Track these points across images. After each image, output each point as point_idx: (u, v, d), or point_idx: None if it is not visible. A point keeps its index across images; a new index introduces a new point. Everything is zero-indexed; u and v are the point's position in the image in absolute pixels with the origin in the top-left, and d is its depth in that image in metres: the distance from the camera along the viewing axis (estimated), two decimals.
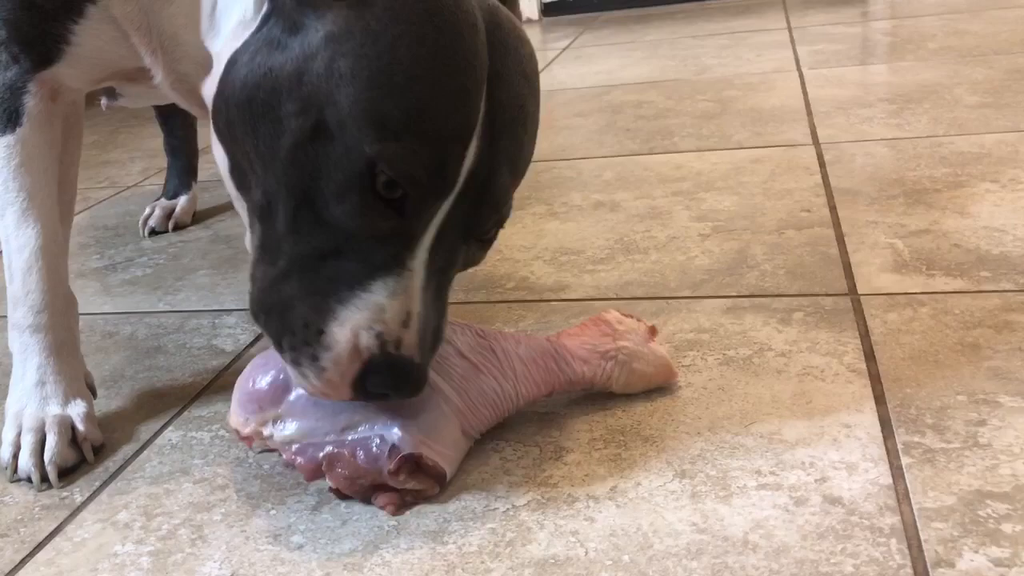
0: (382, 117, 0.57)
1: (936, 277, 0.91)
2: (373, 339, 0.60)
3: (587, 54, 2.35)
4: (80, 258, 1.31)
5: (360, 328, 0.60)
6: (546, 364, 0.73)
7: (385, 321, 0.60)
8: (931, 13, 2.30)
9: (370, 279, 0.60)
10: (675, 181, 1.30)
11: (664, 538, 0.60)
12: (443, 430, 0.67)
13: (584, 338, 0.75)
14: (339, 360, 0.60)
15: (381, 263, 0.60)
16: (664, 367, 0.76)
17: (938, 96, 1.55)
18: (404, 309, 0.60)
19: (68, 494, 0.74)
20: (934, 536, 0.57)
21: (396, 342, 0.60)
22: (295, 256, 0.61)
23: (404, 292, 0.60)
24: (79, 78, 0.80)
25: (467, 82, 0.59)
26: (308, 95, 0.58)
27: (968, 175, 1.17)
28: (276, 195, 0.61)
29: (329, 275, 0.60)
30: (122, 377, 0.93)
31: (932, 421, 0.68)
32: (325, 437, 0.67)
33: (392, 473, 0.65)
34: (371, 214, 0.59)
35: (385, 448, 0.65)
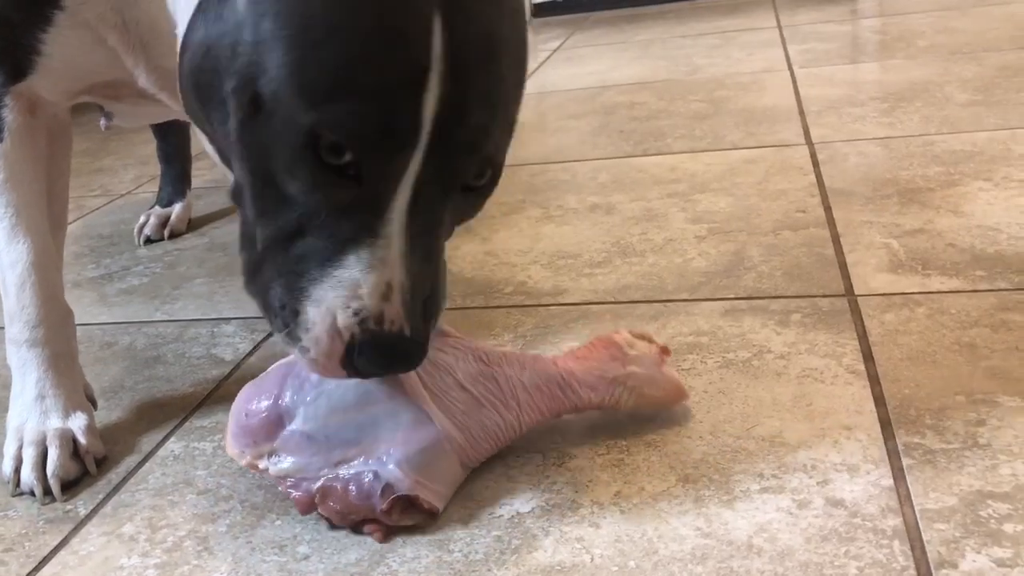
0: (311, 79, 0.52)
1: (932, 277, 0.92)
2: (351, 317, 0.56)
3: (578, 55, 2.36)
4: (75, 268, 1.31)
5: (336, 307, 0.56)
6: (551, 391, 0.70)
7: (361, 296, 0.55)
8: (920, 10, 2.31)
9: (342, 254, 0.56)
10: (670, 183, 1.30)
11: (669, 543, 0.60)
12: (441, 468, 0.66)
13: (592, 362, 0.72)
14: (319, 341, 0.57)
15: (352, 235, 0.55)
16: (675, 390, 0.73)
17: (929, 94, 1.55)
18: (383, 281, 0.56)
19: (72, 507, 0.74)
20: (936, 537, 0.58)
21: (378, 317, 0.56)
22: (267, 238, 0.58)
23: (381, 263, 0.55)
24: (55, 90, 0.78)
25: (403, 21, 0.53)
26: (242, 68, 0.54)
27: (961, 174, 1.18)
28: (242, 178, 0.58)
29: (300, 254, 0.57)
30: (122, 388, 0.93)
31: (932, 422, 0.69)
32: (319, 471, 0.65)
33: (384, 512, 0.64)
34: (324, 186, 0.54)
35: (378, 485, 0.64)
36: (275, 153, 0.54)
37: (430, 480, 0.65)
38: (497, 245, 1.16)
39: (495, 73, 0.57)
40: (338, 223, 0.55)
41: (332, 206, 0.55)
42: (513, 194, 1.35)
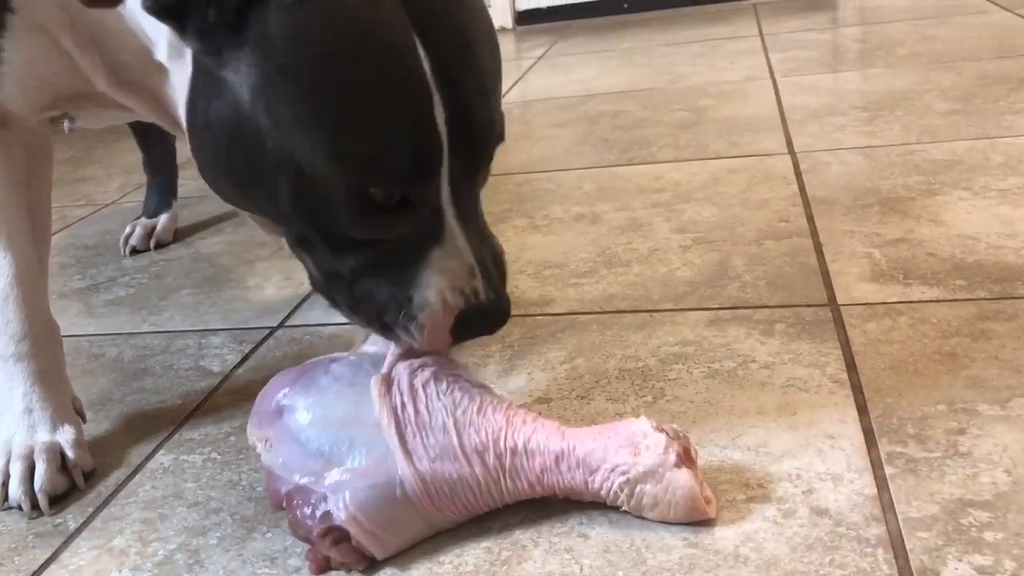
0: (344, 150, 0.58)
1: (913, 286, 0.93)
2: (458, 296, 0.63)
3: (562, 63, 2.37)
4: (61, 278, 1.30)
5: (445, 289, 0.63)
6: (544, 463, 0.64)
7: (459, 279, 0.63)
8: (900, 19, 2.33)
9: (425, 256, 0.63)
10: (654, 192, 1.31)
11: (657, 553, 0.61)
12: (391, 514, 0.63)
13: (599, 443, 0.64)
14: (436, 316, 0.63)
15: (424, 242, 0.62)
16: (687, 498, 0.62)
17: (909, 103, 1.57)
18: (467, 265, 0.63)
19: (61, 521, 0.74)
20: (919, 545, 0.59)
21: (474, 292, 0.63)
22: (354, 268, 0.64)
23: (457, 252, 0.63)
24: (22, 103, 0.78)
25: (395, 62, 0.58)
26: (274, 151, 0.59)
27: (941, 183, 1.20)
28: (302, 233, 0.64)
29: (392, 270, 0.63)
30: (110, 400, 0.94)
31: (914, 431, 0.70)
32: (292, 476, 0.65)
33: (318, 536, 0.63)
34: (385, 226, 0.61)
35: (319, 510, 0.63)
36: (336, 214, 0.60)
37: (371, 522, 0.62)
38: None
39: (478, 63, 0.62)
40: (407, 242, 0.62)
41: (400, 237, 0.62)
42: (499, 203, 1.35)
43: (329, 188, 0.59)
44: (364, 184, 0.59)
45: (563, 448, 0.64)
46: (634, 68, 2.18)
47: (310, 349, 0.98)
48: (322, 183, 0.59)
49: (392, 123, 0.58)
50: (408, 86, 0.58)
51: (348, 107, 0.57)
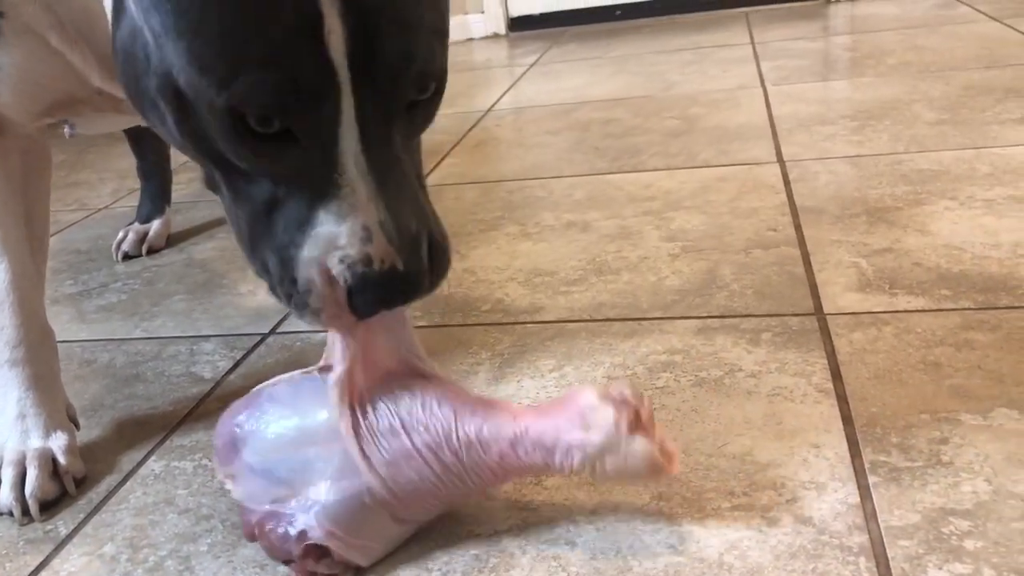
0: (210, 62, 0.52)
1: (899, 296, 0.94)
2: (339, 265, 0.56)
3: (555, 70, 2.38)
4: (54, 283, 1.31)
5: (323, 262, 0.56)
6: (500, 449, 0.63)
7: (342, 246, 0.56)
8: (889, 28, 2.35)
9: (312, 212, 0.56)
10: (644, 200, 1.32)
11: (643, 560, 0.62)
12: (365, 522, 0.63)
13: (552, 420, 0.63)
14: (324, 297, 0.57)
15: (317, 193, 0.56)
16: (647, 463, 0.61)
17: (898, 112, 1.59)
18: (359, 226, 0.56)
19: (52, 527, 0.75)
20: (900, 554, 0.60)
21: (364, 259, 0.56)
22: (250, 219, 0.59)
23: (351, 209, 0.56)
24: (18, 108, 0.78)
25: None
26: (156, 68, 0.55)
27: (928, 192, 1.21)
28: (208, 168, 0.60)
29: (280, 226, 0.58)
30: (102, 406, 0.94)
31: (897, 440, 0.71)
32: (260, 505, 0.65)
33: (300, 557, 0.63)
34: (265, 156, 0.55)
35: (294, 531, 0.63)
36: (213, 137, 0.55)
37: (349, 533, 0.63)
38: (475, 262, 1.17)
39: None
40: (300, 186, 0.56)
41: (280, 172, 0.56)
42: (491, 211, 1.36)
43: (202, 106, 0.53)
44: (232, 102, 0.52)
45: (516, 432, 0.63)
46: (626, 76, 2.19)
47: (301, 356, 0.99)
48: (196, 101, 0.53)
49: (261, 35, 0.51)
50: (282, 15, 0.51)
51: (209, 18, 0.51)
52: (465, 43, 3.08)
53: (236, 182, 0.58)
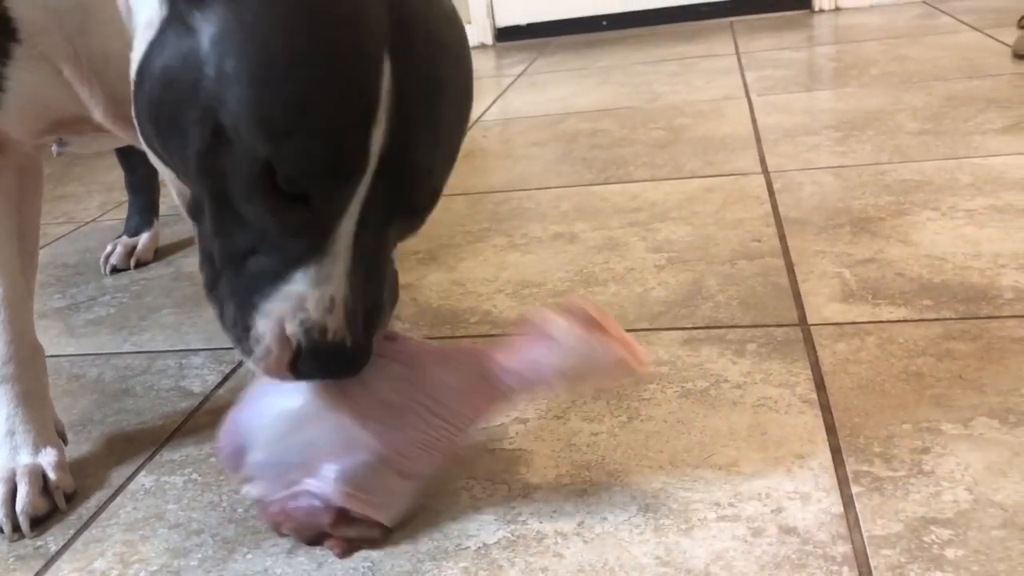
0: (268, 116, 0.56)
1: (881, 306, 0.95)
2: (298, 327, 0.60)
3: (541, 81, 2.39)
4: (41, 297, 1.31)
5: (284, 319, 0.60)
6: (478, 387, 0.69)
7: (307, 309, 0.60)
8: (873, 38, 2.37)
9: (291, 270, 0.60)
10: (631, 212, 1.34)
11: (630, 572, 0.63)
12: (376, 481, 0.67)
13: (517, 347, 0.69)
14: (269, 351, 0.61)
15: (300, 254, 0.60)
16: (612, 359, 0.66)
17: (881, 123, 1.61)
18: (327, 296, 0.60)
19: (43, 543, 0.75)
20: (883, 563, 0.60)
21: (321, 328, 0.60)
22: (224, 255, 0.62)
23: (326, 279, 0.60)
24: (20, 128, 0.79)
25: (353, 65, 0.57)
26: (204, 100, 0.57)
27: (910, 203, 1.22)
28: (200, 198, 0.62)
29: (253, 272, 0.61)
30: (91, 421, 0.94)
31: (880, 450, 0.72)
32: (277, 495, 0.69)
33: (332, 526, 0.67)
34: (278, 211, 0.58)
35: (316, 502, 0.67)
36: (234, 179, 0.58)
37: (364, 492, 0.67)
38: (463, 274, 1.18)
39: (439, 112, 0.61)
40: (288, 243, 0.60)
41: (283, 228, 0.59)
42: (479, 222, 1.37)
43: (238, 151, 0.57)
44: (272, 156, 0.56)
45: (488, 366, 0.69)
46: (612, 86, 2.20)
47: None
48: (236, 143, 0.57)
49: (324, 113, 0.56)
50: (355, 89, 0.57)
51: (284, 79, 0.56)
52: None
53: (225, 219, 0.61)
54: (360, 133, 0.57)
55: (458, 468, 0.77)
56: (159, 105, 0.60)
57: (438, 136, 0.62)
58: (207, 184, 0.60)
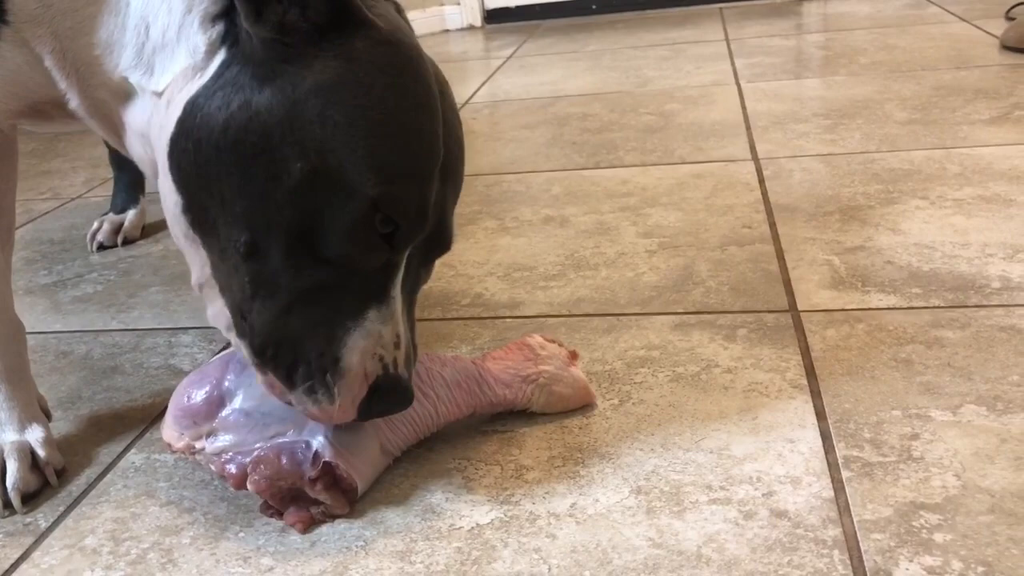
0: (380, 163, 0.63)
1: (871, 294, 0.96)
2: (377, 362, 0.66)
3: (531, 63, 2.39)
4: (27, 274, 1.30)
5: (367, 354, 0.66)
6: (468, 387, 0.77)
7: (383, 345, 0.66)
8: (862, 27, 2.38)
9: (366, 308, 0.66)
10: (621, 196, 1.34)
11: (623, 553, 0.63)
12: (363, 446, 0.72)
13: (508, 362, 0.80)
14: (352, 386, 0.66)
15: (372, 293, 0.66)
16: (582, 390, 0.80)
17: (870, 112, 1.61)
18: (394, 332, 0.67)
19: (32, 520, 0.75)
20: (873, 547, 0.61)
21: (393, 363, 0.67)
22: (296, 290, 0.65)
23: (392, 317, 0.67)
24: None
25: (436, 128, 0.67)
26: (303, 140, 0.62)
27: (899, 192, 1.23)
28: (268, 234, 0.64)
29: (331, 306, 0.65)
30: (79, 399, 0.94)
31: (870, 435, 0.73)
32: (255, 445, 0.71)
33: (312, 480, 0.69)
34: (370, 250, 0.64)
35: (309, 454, 0.70)
36: (329, 216, 0.63)
37: (352, 456, 0.70)
38: (454, 256, 1.18)
39: (461, 176, 0.72)
40: (364, 281, 0.66)
41: (367, 267, 0.65)
42: (469, 204, 1.37)
43: (340, 192, 0.62)
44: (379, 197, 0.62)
45: (479, 373, 0.78)
46: (602, 71, 2.20)
47: None
48: (337, 184, 0.62)
49: (421, 163, 0.65)
50: (438, 144, 0.66)
51: (398, 133, 0.64)
52: (441, 34, 3.08)
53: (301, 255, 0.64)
54: (434, 184, 0.66)
55: (450, 449, 0.77)
56: (241, 132, 0.63)
57: (458, 193, 0.72)
58: (288, 218, 0.63)
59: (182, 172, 0.66)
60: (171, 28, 0.68)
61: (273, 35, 0.63)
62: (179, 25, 0.67)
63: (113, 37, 0.70)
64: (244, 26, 0.64)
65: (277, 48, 0.63)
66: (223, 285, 0.68)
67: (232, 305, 0.68)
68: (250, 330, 0.67)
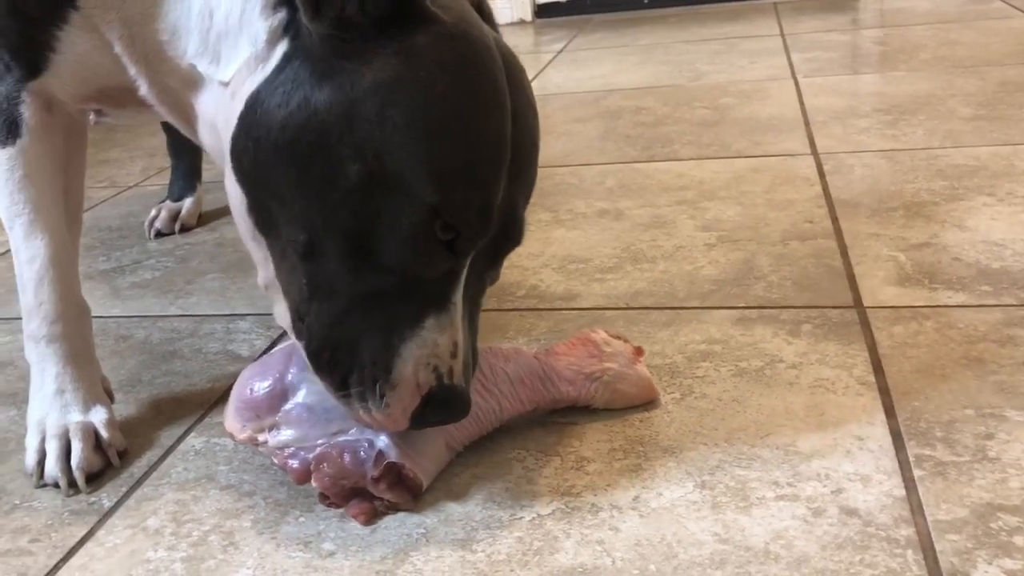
0: (440, 168, 0.60)
1: (939, 291, 0.94)
2: (431, 373, 0.64)
3: (582, 58, 2.37)
4: (86, 260, 1.31)
5: (420, 364, 0.63)
6: (532, 383, 0.76)
7: (439, 355, 0.64)
8: (921, 22, 2.33)
9: (423, 315, 0.64)
10: (677, 190, 1.32)
11: (688, 548, 0.62)
12: (427, 444, 0.71)
13: (572, 358, 0.78)
14: (403, 397, 0.64)
15: (431, 299, 0.64)
16: (647, 388, 0.79)
17: (932, 108, 1.58)
18: (452, 341, 0.64)
19: (96, 500, 0.75)
20: (949, 548, 0.59)
21: (449, 373, 0.64)
22: (353, 295, 0.63)
23: (451, 325, 0.64)
24: (68, 91, 0.79)
25: (503, 127, 0.63)
26: (361, 141, 0.60)
27: (965, 188, 1.20)
28: (325, 236, 0.62)
29: (388, 313, 0.63)
30: (139, 382, 0.95)
31: (942, 434, 0.71)
32: (317, 441, 0.70)
33: (374, 479, 0.68)
34: (431, 257, 0.62)
35: (372, 453, 0.69)
36: (387, 222, 0.61)
37: (417, 454, 0.70)
38: None
39: (533, 168, 0.68)
40: (424, 287, 0.63)
41: (428, 274, 0.63)
42: None
43: (399, 197, 0.60)
44: (440, 204, 0.60)
45: (543, 369, 0.76)
46: (654, 65, 2.18)
47: None
48: (396, 189, 0.60)
49: (485, 168, 0.62)
50: (504, 149, 0.63)
51: (460, 137, 0.61)
52: None
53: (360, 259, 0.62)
54: (499, 190, 0.63)
55: (509, 439, 0.76)
56: (298, 132, 0.61)
57: (529, 195, 0.68)
58: (345, 221, 0.61)
59: (244, 172, 0.66)
60: (233, 14, 0.67)
61: (331, 30, 0.61)
62: (241, 11, 0.67)
63: (180, 22, 0.70)
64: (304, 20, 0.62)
65: (336, 44, 0.61)
66: (284, 286, 0.67)
67: (291, 306, 0.67)
68: (307, 333, 0.66)
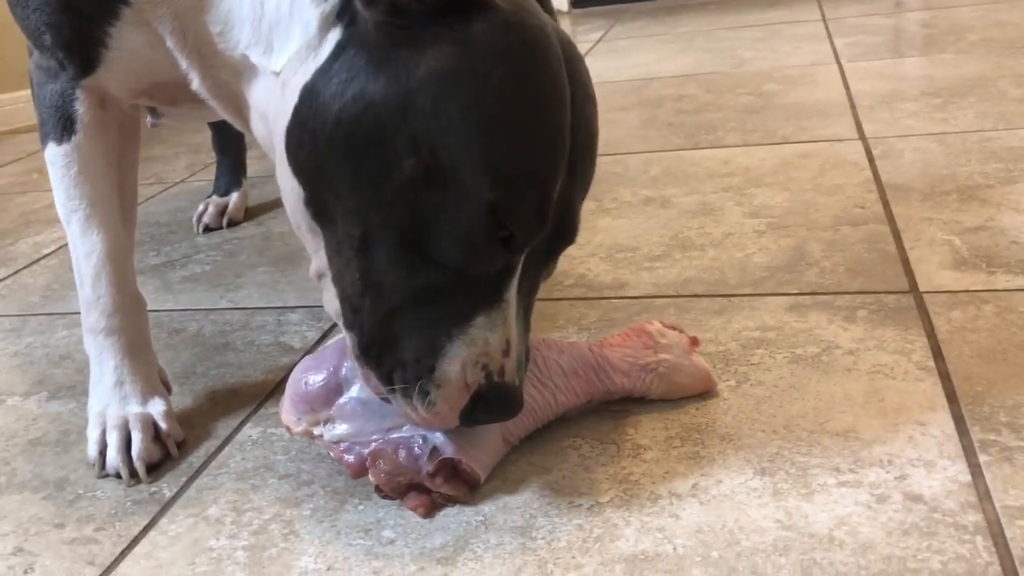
0: (496, 163, 0.59)
1: (997, 275, 0.92)
2: (480, 372, 0.63)
3: (621, 47, 2.36)
4: (137, 255, 1.32)
5: (468, 363, 0.62)
6: (586, 375, 0.75)
7: (489, 353, 0.63)
8: (967, 4, 2.29)
9: (474, 313, 0.62)
10: (724, 176, 1.31)
11: (750, 535, 0.62)
12: (484, 438, 0.70)
13: (626, 350, 0.77)
14: (450, 396, 0.63)
15: (484, 297, 0.63)
16: (703, 379, 0.77)
17: (982, 89, 1.55)
18: (504, 339, 0.63)
19: (157, 489, 0.76)
20: (1020, 534, 0.58)
21: (500, 371, 0.63)
22: (405, 290, 0.62)
23: (503, 323, 0.63)
24: (120, 87, 0.80)
25: (562, 120, 0.61)
26: (416, 134, 0.59)
27: (1020, 171, 1.18)
28: (379, 231, 0.62)
29: (439, 309, 0.62)
30: (194, 374, 0.96)
31: (1007, 419, 0.70)
32: (372, 436, 0.70)
33: (430, 475, 0.68)
34: (486, 254, 0.61)
35: (426, 449, 0.68)
36: (442, 218, 0.60)
37: (472, 448, 0.69)
38: None
39: (592, 164, 0.66)
40: (477, 284, 0.62)
41: (482, 271, 0.62)
42: None
43: (454, 192, 0.59)
44: (497, 199, 0.59)
45: (597, 361, 0.76)
46: (695, 52, 2.16)
47: None
48: (451, 184, 0.59)
49: (544, 164, 0.60)
50: (563, 144, 0.61)
51: (517, 131, 0.59)
52: None
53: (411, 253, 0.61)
54: (555, 187, 0.62)
55: (564, 427, 0.76)
56: (353, 124, 0.60)
57: (588, 184, 0.67)
58: (400, 215, 0.60)
59: (300, 165, 0.65)
60: (284, 2, 0.66)
61: (386, 17, 0.60)
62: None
63: (232, 12, 0.70)
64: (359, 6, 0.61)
65: (391, 31, 0.60)
66: (336, 277, 0.67)
67: (343, 298, 0.66)
68: (359, 327, 0.65)
